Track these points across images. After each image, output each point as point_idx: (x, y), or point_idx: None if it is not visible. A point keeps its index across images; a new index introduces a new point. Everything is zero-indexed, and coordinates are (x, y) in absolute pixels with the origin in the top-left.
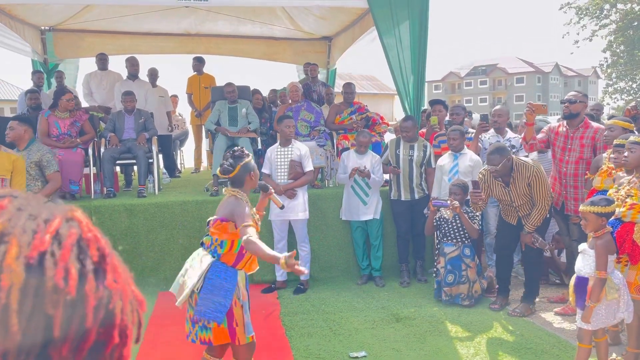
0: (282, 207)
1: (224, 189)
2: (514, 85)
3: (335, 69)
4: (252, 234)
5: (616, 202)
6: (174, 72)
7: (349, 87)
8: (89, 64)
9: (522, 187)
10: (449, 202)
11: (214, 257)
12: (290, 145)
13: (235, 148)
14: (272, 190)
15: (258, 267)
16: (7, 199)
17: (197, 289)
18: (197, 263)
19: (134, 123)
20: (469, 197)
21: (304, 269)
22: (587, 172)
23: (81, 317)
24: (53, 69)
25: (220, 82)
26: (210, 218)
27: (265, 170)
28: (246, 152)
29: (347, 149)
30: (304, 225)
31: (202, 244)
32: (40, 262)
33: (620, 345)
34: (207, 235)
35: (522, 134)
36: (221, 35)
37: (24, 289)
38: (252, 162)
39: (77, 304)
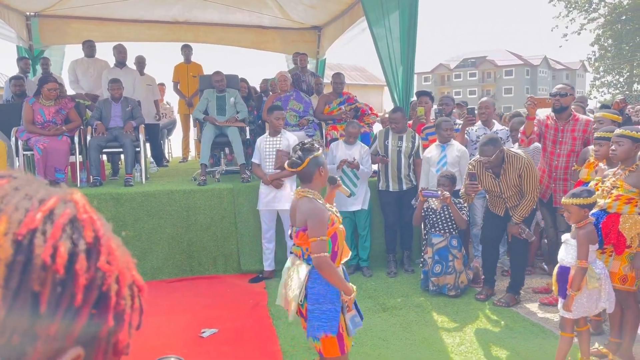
0: (349, 195)
1: (298, 189)
2: (503, 78)
3: (325, 59)
4: (325, 251)
5: (601, 193)
6: (158, 60)
7: (338, 77)
8: (75, 51)
9: (513, 178)
10: (439, 192)
11: (309, 264)
12: (279, 135)
13: (305, 140)
14: (340, 182)
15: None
16: (6, 179)
17: (300, 301)
18: (295, 274)
19: (121, 111)
20: (457, 189)
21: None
22: (574, 163)
23: (70, 297)
24: (38, 56)
25: (207, 70)
26: (292, 229)
27: (255, 160)
28: (316, 145)
29: (336, 139)
30: None
31: (290, 253)
32: (30, 240)
33: (603, 335)
34: (295, 246)
35: (521, 128)
36: (210, 23)
37: (10, 265)
38: (323, 156)
39: (66, 283)
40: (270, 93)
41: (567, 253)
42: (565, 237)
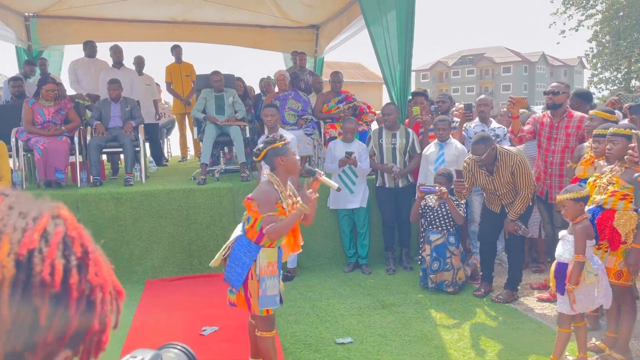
0: (338, 189)
1: (265, 172)
2: (501, 75)
3: (323, 57)
4: (272, 222)
5: (598, 190)
6: (157, 60)
7: (336, 76)
8: (74, 51)
9: (505, 175)
10: (436, 188)
11: (242, 231)
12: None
13: (273, 134)
14: (321, 174)
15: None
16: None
17: (224, 256)
18: (233, 234)
19: (120, 111)
20: (453, 186)
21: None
22: (569, 160)
23: (65, 308)
24: (37, 56)
25: (199, 70)
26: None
27: None
28: (282, 137)
29: (335, 138)
30: None
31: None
32: (29, 259)
33: (600, 331)
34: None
35: (510, 127)
36: (208, 22)
37: (14, 283)
38: (286, 147)
39: (61, 297)
40: (265, 94)
41: (564, 249)
42: (562, 233)
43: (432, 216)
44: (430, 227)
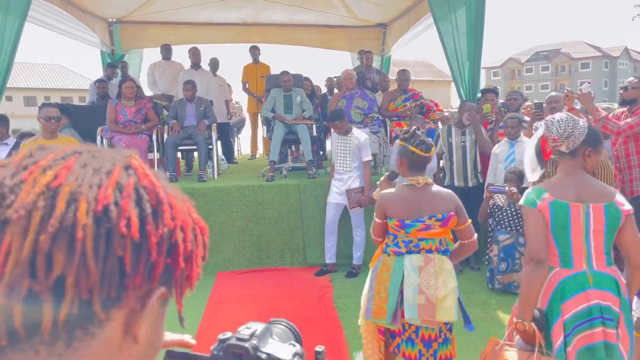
0: None
1: (420, 179)
2: (579, 71)
3: (390, 55)
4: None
5: None
6: (227, 61)
7: (403, 74)
8: (152, 54)
9: None
10: (506, 188)
11: (447, 253)
12: (349, 135)
13: (419, 130)
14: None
15: None
16: (72, 157)
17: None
18: (437, 269)
19: (195, 111)
20: (525, 186)
21: None
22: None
23: (147, 254)
24: (119, 60)
25: (274, 70)
26: (423, 218)
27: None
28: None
29: None
30: (360, 211)
31: (409, 252)
32: (106, 214)
33: None
34: (424, 239)
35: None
36: (277, 24)
37: (95, 238)
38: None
39: (142, 244)
40: (336, 90)
41: None
42: None
43: (500, 216)
44: (498, 227)
